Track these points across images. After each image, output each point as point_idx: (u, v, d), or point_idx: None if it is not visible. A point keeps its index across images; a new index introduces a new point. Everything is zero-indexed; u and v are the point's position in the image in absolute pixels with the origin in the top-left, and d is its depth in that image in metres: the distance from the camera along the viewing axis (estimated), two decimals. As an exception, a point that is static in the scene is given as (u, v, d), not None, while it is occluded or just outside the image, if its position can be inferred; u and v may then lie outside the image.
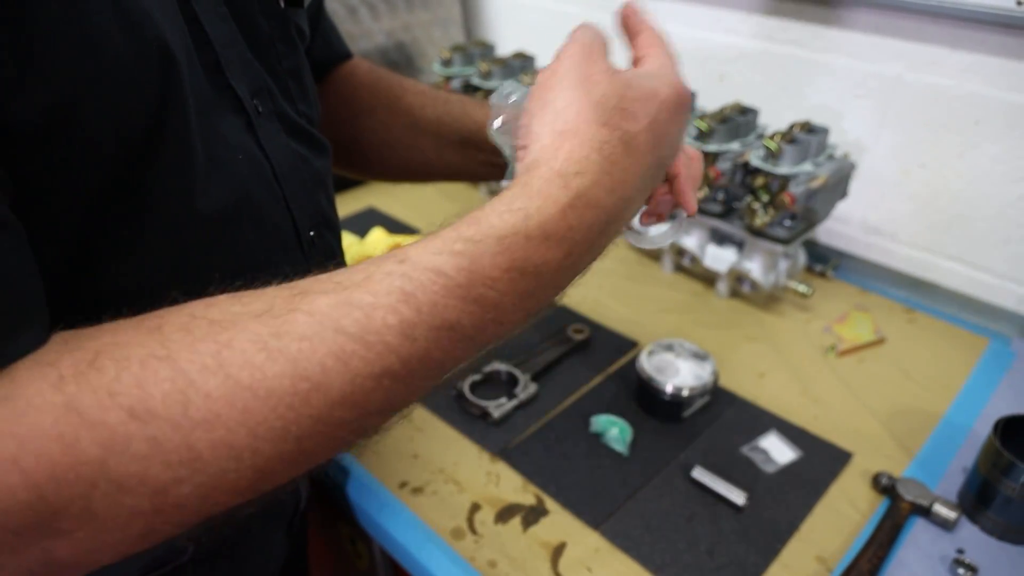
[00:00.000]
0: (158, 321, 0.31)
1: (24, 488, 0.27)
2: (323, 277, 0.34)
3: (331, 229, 0.60)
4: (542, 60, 1.28)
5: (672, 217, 0.56)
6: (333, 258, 0.61)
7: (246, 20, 0.49)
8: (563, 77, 0.41)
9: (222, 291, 0.36)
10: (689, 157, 0.55)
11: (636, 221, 0.54)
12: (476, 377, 0.88)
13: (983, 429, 0.78)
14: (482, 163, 0.72)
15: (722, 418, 0.84)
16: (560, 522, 0.72)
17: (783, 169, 0.92)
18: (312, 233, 0.56)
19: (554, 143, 0.38)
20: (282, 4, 0.54)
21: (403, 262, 0.33)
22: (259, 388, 0.30)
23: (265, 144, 0.50)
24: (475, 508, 0.73)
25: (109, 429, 0.28)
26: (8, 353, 0.29)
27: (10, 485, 0.27)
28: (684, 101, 0.43)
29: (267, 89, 0.52)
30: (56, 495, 0.28)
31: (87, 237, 0.37)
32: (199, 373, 0.30)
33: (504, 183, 0.44)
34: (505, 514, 0.73)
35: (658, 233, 0.55)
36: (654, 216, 0.56)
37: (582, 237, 0.37)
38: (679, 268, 1.14)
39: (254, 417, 0.30)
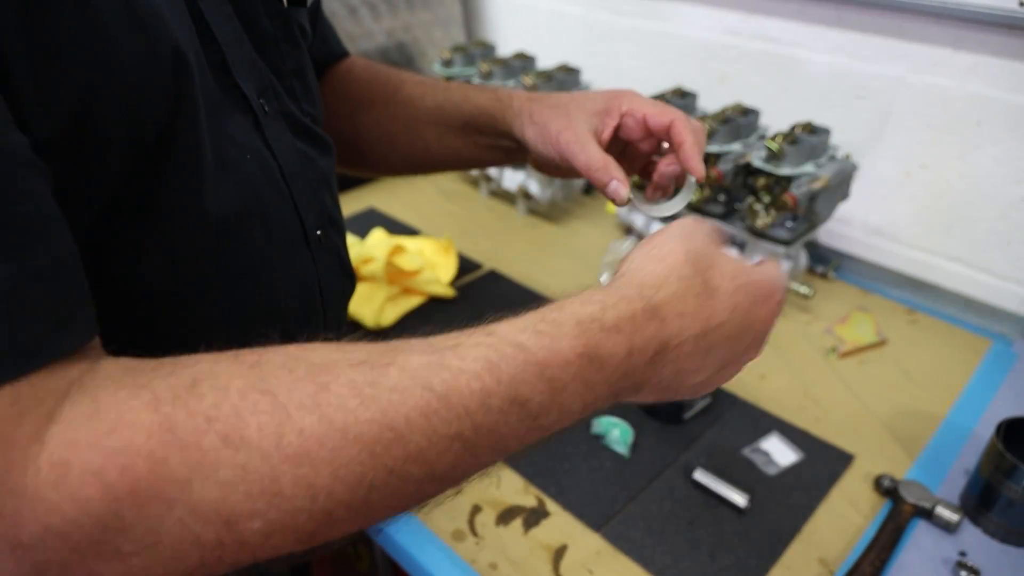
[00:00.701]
0: (256, 357, 0.32)
1: (101, 501, 0.27)
2: (417, 340, 0.36)
3: (336, 228, 0.60)
4: (543, 60, 1.28)
5: (677, 190, 0.58)
6: (339, 257, 0.61)
7: (250, 20, 0.49)
8: (670, 233, 0.45)
9: (229, 292, 0.39)
10: (694, 126, 0.58)
11: (644, 196, 0.57)
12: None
13: (985, 431, 0.78)
14: (485, 147, 0.71)
15: (723, 420, 0.84)
16: (561, 524, 0.72)
17: (785, 170, 0.92)
18: (319, 232, 0.56)
19: (643, 265, 0.42)
20: (285, 3, 0.54)
21: (491, 335, 0.36)
22: (349, 431, 0.31)
23: (272, 143, 0.50)
24: (476, 510, 0.73)
25: (201, 452, 0.29)
26: (62, 345, 0.29)
27: (87, 497, 0.27)
28: (767, 303, 0.45)
29: (272, 88, 0.52)
30: (131, 512, 0.28)
31: (98, 239, 0.37)
32: (296, 410, 0.31)
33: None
34: (506, 516, 0.72)
35: (669, 202, 0.58)
36: (659, 190, 0.58)
37: (642, 344, 0.39)
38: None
39: (339, 459, 0.31)
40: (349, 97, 0.75)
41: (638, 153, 0.64)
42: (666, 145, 0.61)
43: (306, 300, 0.54)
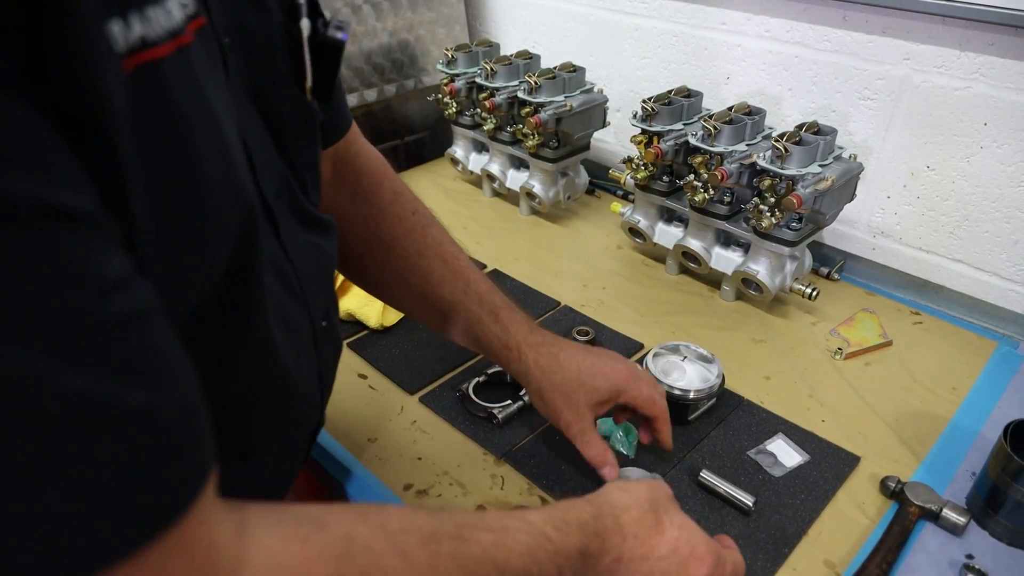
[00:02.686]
0: (381, 520, 0.40)
1: None
2: (474, 517, 0.46)
3: (335, 306, 0.62)
4: (546, 59, 1.28)
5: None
6: (336, 336, 0.62)
7: (273, 115, 0.48)
8: (640, 482, 0.59)
9: (256, 393, 0.47)
10: (661, 395, 0.73)
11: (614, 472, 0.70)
12: (480, 379, 0.87)
13: (991, 433, 0.77)
14: (433, 321, 0.74)
15: (729, 421, 0.83)
16: (566, 525, 0.71)
17: (790, 170, 0.91)
18: (324, 323, 0.56)
19: (615, 492, 0.56)
20: (309, 97, 0.52)
21: (528, 523, 0.47)
22: None
23: (288, 247, 0.50)
24: (480, 511, 0.73)
25: None
26: (204, 475, 0.31)
27: None
28: (701, 562, 0.55)
29: (287, 187, 0.51)
30: None
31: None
32: (422, 571, 0.39)
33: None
34: (510, 517, 0.72)
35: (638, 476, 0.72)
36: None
37: (611, 549, 0.52)
38: (684, 270, 1.14)
39: None
40: (354, 193, 0.70)
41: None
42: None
43: (308, 384, 0.56)
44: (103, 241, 0.28)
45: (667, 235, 1.12)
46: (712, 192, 0.99)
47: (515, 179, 1.30)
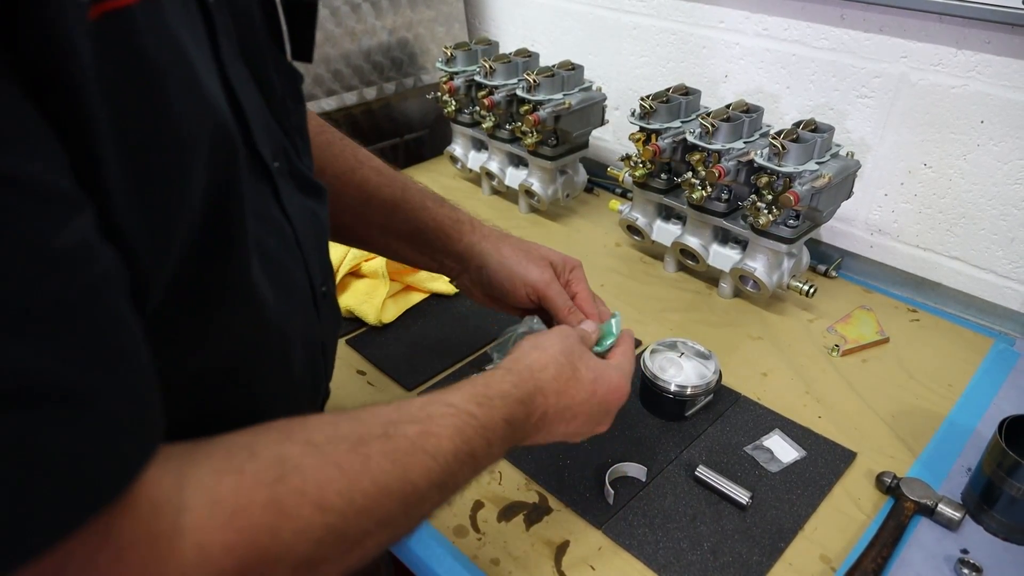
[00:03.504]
0: (306, 435, 0.40)
1: (234, 570, 0.34)
2: (400, 410, 0.46)
3: (331, 276, 0.62)
4: (545, 57, 1.28)
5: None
6: (336, 305, 0.63)
7: (263, 79, 0.48)
8: (550, 333, 0.61)
9: (254, 357, 0.47)
10: (550, 284, 0.72)
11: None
12: (478, 375, 0.87)
13: (987, 429, 0.78)
14: (426, 258, 0.75)
15: (726, 418, 0.84)
16: (563, 520, 0.72)
17: (787, 168, 0.92)
18: (323, 288, 0.57)
19: (530, 352, 0.58)
20: (289, 58, 0.53)
21: (451, 406, 0.48)
22: (390, 489, 0.41)
23: (287, 207, 0.50)
24: (478, 506, 0.73)
25: (302, 520, 0.36)
26: (157, 442, 0.32)
27: (223, 569, 0.33)
28: (617, 393, 0.60)
29: (283, 149, 0.51)
30: (250, 568, 0.34)
31: (151, 333, 0.37)
32: (356, 478, 0.39)
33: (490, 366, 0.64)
34: (508, 512, 0.72)
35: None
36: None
37: (535, 412, 0.54)
38: (682, 267, 1.14)
39: (384, 509, 0.40)
40: None
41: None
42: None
43: (311, 351, 0.56)
44: (58, 210, 0.27)
45: (665, 232, 1.13)
46: (710, 189, 0.99)
47: (514, 177, 1.30)
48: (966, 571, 0.66)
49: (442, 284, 1.04)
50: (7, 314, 0.25)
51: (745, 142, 1.00)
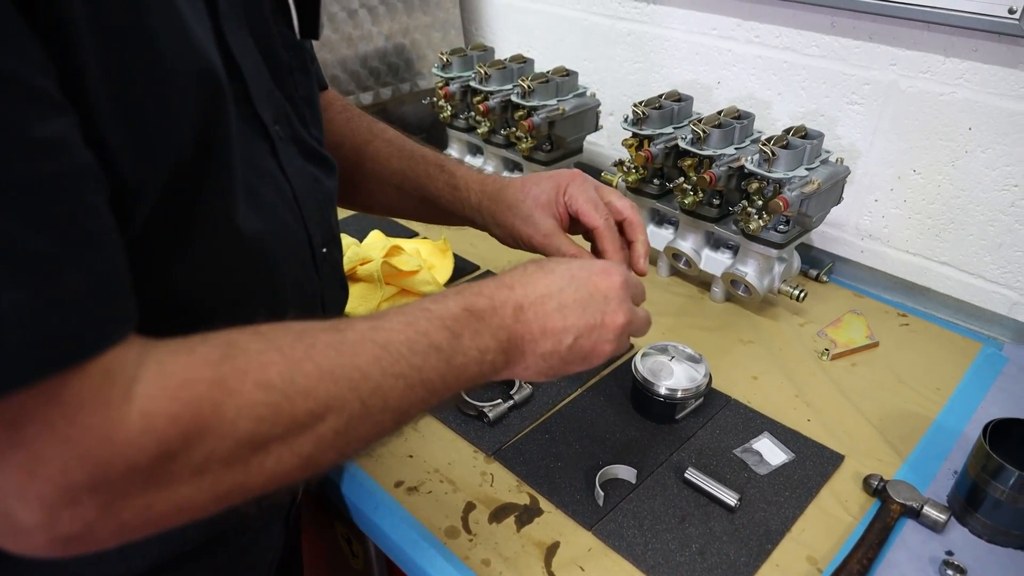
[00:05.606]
0: (255, 329, 0.42)
1: (177, 439, 0.35)
2: (355, 318, 0.47)
3: (337, 244, 0.64)
4: (540, 64, 1.29)
5: None
6: (339, 272, 0.65)
7: (268, 51, 0.52)
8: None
9: (246, 305, 0.48)
10: (599, 206, 0.68)
11: None
12: (472, 378, 0.88)
13: (974, 433, 0.79)
14: (443, 218, 0.77)
15: (716, 420, 0.85)
16: (553, 522, 0.72)
17: (777, 174, 0.93)
18: (324, 250, 0.59)
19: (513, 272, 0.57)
20: (298, 35, 0.56)
21: (403, 309, 0.48)
22: (335, 372, 0.42)
23: (286, 168, 0.54)
24: (470, 507, 0.74)
25: (243, 396, 0.38)
26: (130, 324, 0.36)
27: (168, 437, 0.35)
28: (605, 275, 0.57)
29: (286, 115, 0.55)
30: (197, 445, 0.36)
31: (139, 252, 0.40)
32: (299, 360, 0.41)
33: None
34: (499, 514, 0.73)
35: None
36: None
37: (501, 302, 0.53)
38: (675, 271, 1.15)
39: (331, 392, 0.41)
40: (326, 130, 0.76)
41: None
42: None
43: (310, 313, 0.58)
44: (36, 105, 0.31)
45: (658, 237, 1.13)
46: (701, 195, 1.00)
47: (509, 182, 1.31)
48: (950, 572, 0.66)
49: (437, 288, 1.05)
50: None
51: (736, 148, 1.01)
